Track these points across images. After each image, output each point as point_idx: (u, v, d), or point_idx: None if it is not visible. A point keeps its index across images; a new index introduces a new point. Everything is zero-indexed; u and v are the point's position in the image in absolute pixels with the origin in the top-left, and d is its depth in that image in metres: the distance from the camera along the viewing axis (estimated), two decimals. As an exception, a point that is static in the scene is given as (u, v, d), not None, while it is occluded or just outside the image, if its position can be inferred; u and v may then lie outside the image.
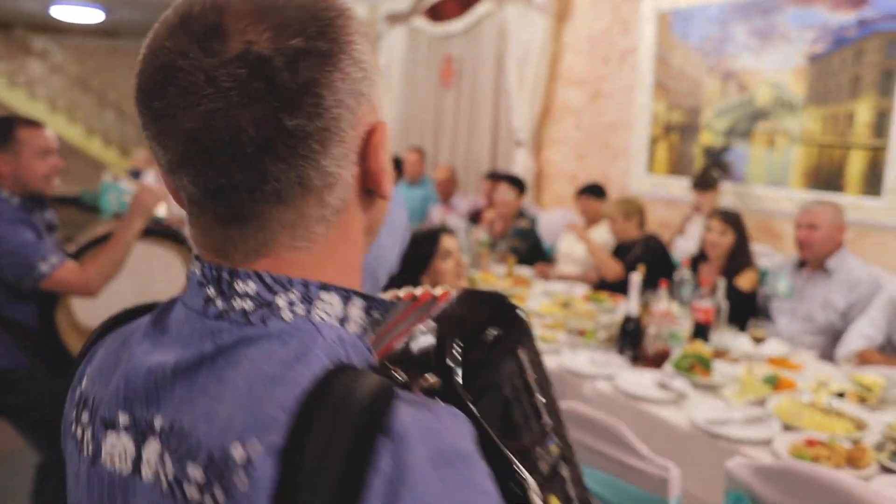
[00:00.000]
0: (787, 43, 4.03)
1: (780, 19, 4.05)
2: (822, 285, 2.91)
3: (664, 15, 4.70)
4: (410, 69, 7.21)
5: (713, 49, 4.43)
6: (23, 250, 2.10)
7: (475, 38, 6.29)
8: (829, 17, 3.81)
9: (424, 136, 7.00)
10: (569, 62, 5.48)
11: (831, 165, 3.86)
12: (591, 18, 5.28)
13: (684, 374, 2.41)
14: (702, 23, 4.47)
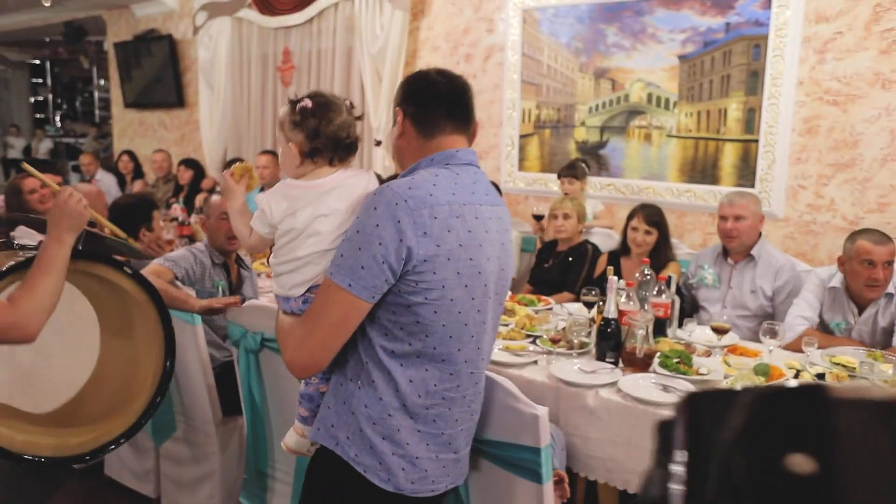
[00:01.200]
0: (657, 43, 4.25)
1: (650, 20, 4.26)
2: (749, 273, 3.08)
3: (530, 13, 4.75)
4: (239, 65, 6.63)
5: (584, 48, 4.55)
6: None
7: (318, 32, 5.93)
8: (698, 20, 4.07)
9: (264, 138, 6.48)
10: (426, 59, 5.35)
11: (706, 158, 4.15)
12: (448, 16, 5.19)
13: (677, 373, 2.41)
14: (571, 22, 4.58)
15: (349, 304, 1.36)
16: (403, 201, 1.34)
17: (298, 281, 1.48)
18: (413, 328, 1.39)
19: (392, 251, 1.33)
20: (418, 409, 1.44)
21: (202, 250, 2.81)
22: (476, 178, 1.48)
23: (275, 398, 2.31)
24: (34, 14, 9.29)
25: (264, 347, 2.23)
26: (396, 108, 1.50)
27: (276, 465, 2.39)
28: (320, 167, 1.51)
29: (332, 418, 1.48)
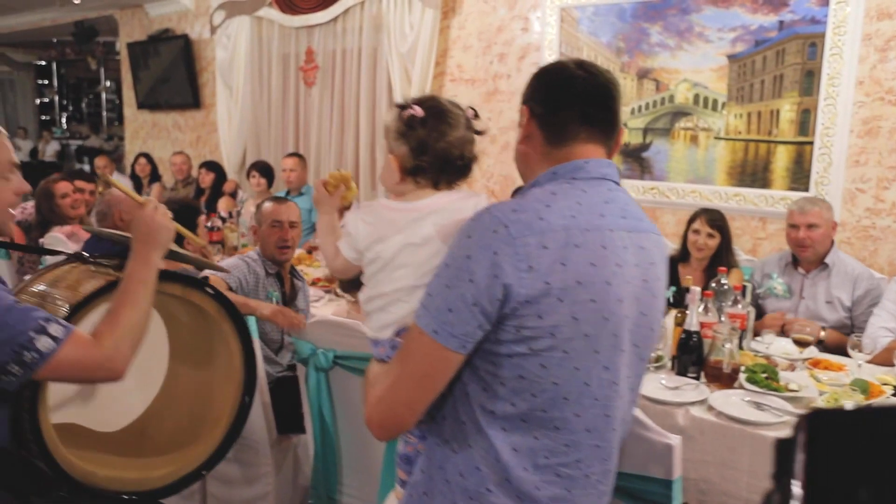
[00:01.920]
0: (705, 42, 4.11)
1: (696, 19, 4.13)
2: (823, 282, 2.95)
3: (568, 11, 4.61)
4: (258, 65, 6.48)
5: (626, 47, 4.42)
6: (7, 319, 1.27)
7: (342, 31, 5.78)
8: (749, 18, 3.94)
9: (285, 140, 6.33)
10: (457, 59, 5.21)
11: (757, 161, 4.01)
12: (481, 14, 5.05)
13: (767, 389, 2.27)
14: (612, 21, 4.45)
15: (435, 355, 1.11)
16: (503, 227, 1.07)
17: (386, 321, 1.26)
18: (516, 384, 1.12)
19: (484, 290, 1.06)
20: (526, 486, 1.15)
21: (255, 259, 2.67)
22: (610, 196, 1.19)
23: (346, 419, 2.17)
24: (43, 14, 9.15)
25: (336, 365, 2.09)
26: (522, 106, 1.26)
27: (346, 491, 2.25)
28: (423, 188, 1.28)
29: (425, 485, 1.23)
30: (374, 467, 2.13)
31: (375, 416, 1.18)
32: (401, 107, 1.31)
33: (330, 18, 5.77)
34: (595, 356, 1.13)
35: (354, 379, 2.08)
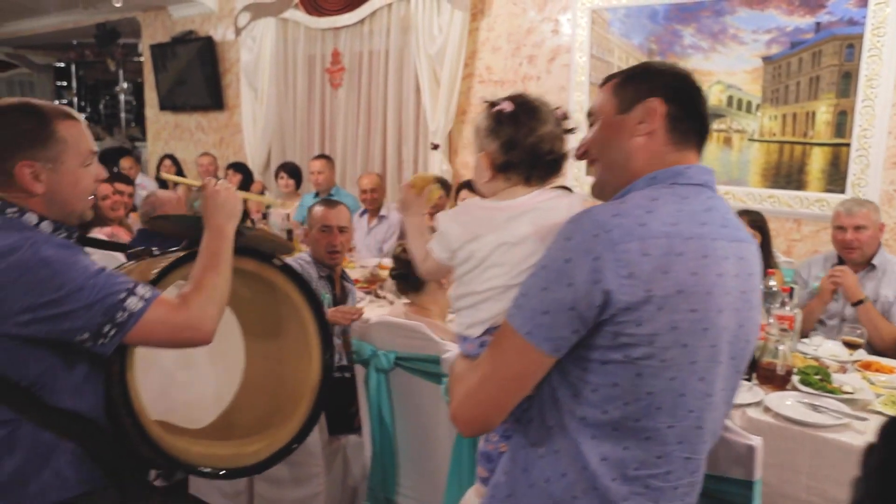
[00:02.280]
0: (739, 44, 4.11)
1: (731, 21, 4.12)
2: (870, 284, 2.95)
3: (599, 13, 4.61)
4: (284, 67, 6.51)
5: (658, 49, 4.42)
6: (97, 281, 1.32)
7: (369, 33, 5.80)
8: (785, 20, 3.94)
9: (310, 142, 6.36)
10: (486, 60, 5.22)
11: (792, 163, 4.01)
12: (510, 16, 5.06)
13: (822, 391, 2.27)
14: (644, 23, 4.45)
15: (527, 356, 1.09)
16: (605, 232, 1.05)
17: (476, 319, 1.25)
18: (609, 392, 1.09)
19: (583, 295, 1.04)
20: (614, 496, 1.13)
21: (308, 261, 2.69)
22: (710, 204, 1.15)
23: (405, 420, 2.18)
24: (66, 17, 9.21)
25: (397, 367, 2.11)
26: (652, 99, 1.17)
27: (403, 492, 2.26)
28: (514, 185, 1.27)
29: (507, 487, 1.22)
30: (433, 468, 2.15)
31: (462, 413, 1.17)
32: (491, 104, 1.30)
33: (357, 20, 5.79)
34: (692, 367, 1.11)
35: (415, 380, 2.09)
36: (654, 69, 1.24)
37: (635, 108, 1.18)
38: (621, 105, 1.20)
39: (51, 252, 1.32)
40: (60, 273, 1.30)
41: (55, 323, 1.30)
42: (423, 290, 2.30)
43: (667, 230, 1.07)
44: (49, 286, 1.29)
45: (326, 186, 5.20)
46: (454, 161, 5.44)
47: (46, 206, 1.41)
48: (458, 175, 5.34)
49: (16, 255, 1.30)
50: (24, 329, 1.30)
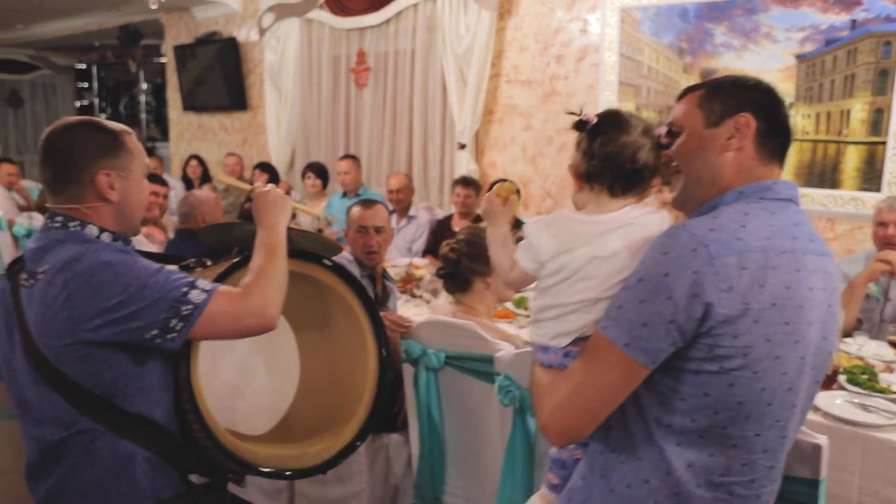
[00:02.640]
0: (772, 43, 4.09)
1: (763, 19, 4.10)
2: (913, 282, 2.93)
3: (629, 12, 4.60)
4: (308, 67, 6.54)
5: (689, 48, 4.41)
6: (158, 279, 1.36)
7: (395, 33, 5.82)
8: (819, 18, 3.91)
9: (335, 142, 6.38)
10: (513, 60, 5.22)
11: (826, 161, 3.98)
12: (538, 15, 5.06)
13: (871, 391, 2.26)
14: (674, 22, 4.43)
15: (623, 367, 1.12)
16: (703, 246, 1.08)
17: (563, 330, 1.26)
18: (699, 401, 1.12)
19: (683, 308, 1.07)
20: (696, 501, 1.16)
21: (350, 260, 2.70)
22: (798, 219, 1.19)
23: (453, 419, 2.19)
24: (89, 18, 9.29)
25: (447, 366, 2.11)
26: (742, 114, 1.20)
27: (450, 491, 2.27)
28: (599, 195, 1.28)
29: (585, 492, 1.25)
30: (483, 468, 2.15)
31: (554, 423, 1.19)
32: (577, 118, 1.34)
33: (382, 20, 5.81)
34: (782, 377, 1.14)
35: (465, 379, 2.10)
36: (741, 83, 1.25)
37: (725, 123, 1.21)
38: (709, 119, 1.22)
39: (111, 256, 1.36)
40: (123, 274, 1.34)
41: (124, 323, 1.33)
42: (469, 289, 2.31)
43: (762, 244, 1.11)
44: (115, 288, 1.32)
45: (353, 186, 5.22)
46: (481, 161, 5.44)
47: (114, 215, 1.45)
48: (485, 174, 5.34)
49: (80, 264, 1.33)
50: (96, 334, 1.33)
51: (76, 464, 1.38)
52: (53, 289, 1.32)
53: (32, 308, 1.35)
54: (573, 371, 1.19)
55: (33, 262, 1.37)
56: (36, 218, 4.38)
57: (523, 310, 3.12)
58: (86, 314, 1.31)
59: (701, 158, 1.23)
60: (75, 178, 1.41)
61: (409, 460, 2.70)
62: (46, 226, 1.43)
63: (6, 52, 12.21)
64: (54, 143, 1.42)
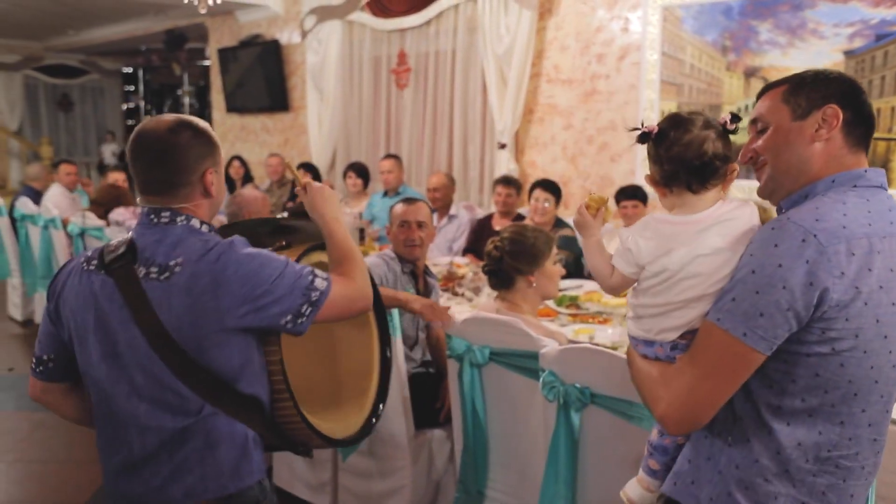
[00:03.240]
0: (819, 39, 4.03)
1: (810, 15, 4.04)
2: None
3: (671, 10, 4.57)
4: (349, 68, 6.62)
5: (733, 46, 4.36)
6: (288, 269, 1.43)
7: (435, 34, 5.86)
8: (869, 13, 3.84)
9: (376, 142, 6.46)
10: (554, 59, 5.22)
11: (875, 159, 3.91)
12: (578, 15, 5.05)
13: None
14: (718, 19, 4.39)
15: (741, 356, 1.19)
16: (812, 236, 1.14)
17: (670, 325, 1.32)
18: (810, 382, 1.20)
19: (800, 296, 1.13)
20: (804, 475, 1.23)
21: (392, 257, 2.75)
22: (890, 204, 1.25)
23: (497, 414, 2.21)
24: (137, 23, 9.53)
25: (491, 361, 2.14)
26: (829, 105, 1.25)
27: (493, 486, 2.29)
28: (681, 195, 1.34)
29: (692, 475, 1.32)
30: (526, 461, 2.17)
31: (674, 413, 1.26)
32: (641, 127, 1.40)
33: (423, 21, 5.86)
34: (889, 356, 1.21)
35: (508, 375, 2.12)
36: (824, 76, 1.29)
37: (812, 115, 1.25)
38: (795, 112, 1.27)
39: (248, 248, 1.44)
40: (266, 264, 1.41)
41: (267, 310, 1.39)
42: (513, 287, 2.33)
43: (865, 230, 1.17)
44: (261, 277, 1.39)
45: (395, 185, 5.27)
46: (521, 160, 5.45)
47: (210, 209, 1.51)
48: (525, 174, 5.36)
49: (227, 254, 1.39)
50: (241, 321, 1.38)
51: (198, 447, 1.42)
52: (201, 279, 1.37)
53: (172, 300, 1.37)
54: (688, 363, 1.25)
55: (163, 257, 1.39)
56: (90, 217, 4.51)
57: (564, 308, 3.13)
58: (234, 302, 1.37)
59: (789, 151, 1.28)
60: (187, 179, 1.44)
61: (451, 456, 2.73)
62: (151, 221, 1.45)
63: (58, 58, 12.60)
64: (161, 145, 1.44)
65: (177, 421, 1.41)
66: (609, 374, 1.81)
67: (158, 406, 1.41)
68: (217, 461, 1.43)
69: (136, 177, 1.47)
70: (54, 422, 4.00)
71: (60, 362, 1.52)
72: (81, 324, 1.44)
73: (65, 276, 1.50)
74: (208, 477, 1.43)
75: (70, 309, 1.46)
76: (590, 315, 3.03)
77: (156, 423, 1.42)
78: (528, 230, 2.37)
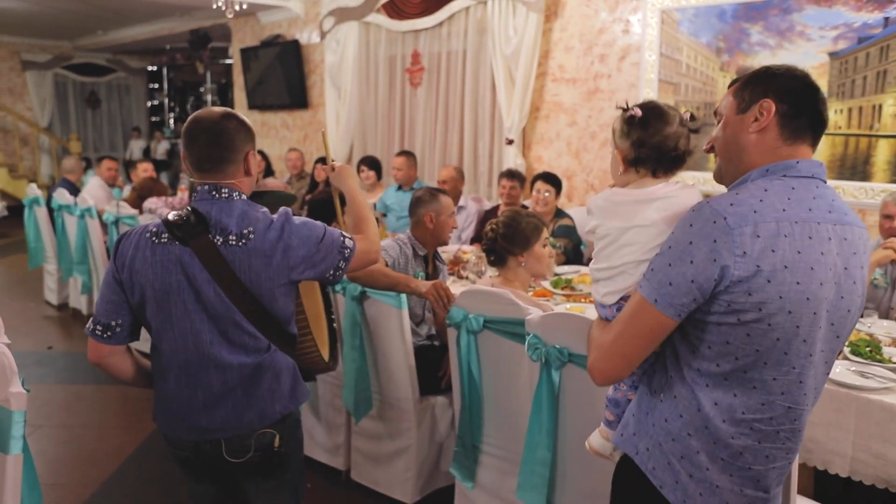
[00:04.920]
0: (806, 41, 4.27)
1: (798, 18, 4.28)
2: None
3: (669, 13, 4.83)
4: (366, 67, 6.93)
5: (726, 47, 4.61)
6: (327, 233, 1.79)
7: (447, 34, 6.15)
8: (852, 16, 4.08)
9: (391, 138, 6.76)
10: (559, 59, 5.50)
11: (857, 155, 4.15)
12: (583, 17, 5.32)
13: (872, 361, 2.48)
14: (712, 22, 4.64)
15: (653, 319, 1.33)
16: (722, 219, 1.26)
17: (612, 289, 1.47)
18: (721, 348, 1.32)
19: (702, 271, 1.26)
20: (722, 435, 1.35)
21: (405, 242, 3.04)
22: (818, 192, 1.33)
23: (490, 376, 2.50)
24: (163, 24, 9.89)
25: (485, 328, 2.43)
26: (765, 100, 1.35)
27: (487, 441, 2.58)
28: (643, 177, 1.47)
29: (634, 426, 1.47)
30: (513, 415, 2.46)
31: (598, 366, 1.42)
32: (624, 109, 1.52)
33: (436, 23, 6.14)
34: (796, 330, 1.30)
35: (501, 341, 2.40)
36: (770, 73, 1.40)
37: (751, 108, 1.37)
38: (740, 105, 1.40)
39: (296, 218, 1.78)
40: (315, 228, 1.77)
41: (318, 266, 1.77)
42: (505, 265, 2.63)
43: (776, 215, 1.28)
44: (313, 239, 1.75)
45: (408, 181, 5.56)
46: (528, 155, 5.73)
47: (250, 185, 1.82)
48: (531, 168, 5.63)
49: (288, 224, 1.73)
50: (300, 275, 1.74)
51: (269, 378, 1.78)
52: (270, 243, 1.69)
53: (251, 261, 1.68)
54: (615, 323, 1.41)
55: (236, 227, 1.69)
56: (123, 206, 4.85)
57: (559, 290, 3.41)
58: (297, 260, 1.71)
59: (732, 141, 1.41)
60: (235, 157, 1.75)
61: (452, 420, 3.02)
62: (213, 196, 1.72)
63: (87, 57, 13.02)
64: (216, 128, 1.73)
65: (251, 357, 1.75)
66: (584, 336, 2.08)
67: (237, 347, 1.74)
68: (281, 388, 1.80)
69: (192, 156, 1.75)
70: (89, 393, 4.36)
71: (126, 326, 1.78)
72: (161, 287, 1.70)
73: (131, 249, 1.75)
74: (276, 400, 1.79)
75: (145, 276, 1.71)
76: (582, 295, 3.31)
77: (237, 362, 1.74)
78: (521, 216, 2.66)
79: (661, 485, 1.40)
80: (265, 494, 1.86)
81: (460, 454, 2.64)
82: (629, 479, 1.47)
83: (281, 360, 1.80)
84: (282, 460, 1.84)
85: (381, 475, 3.11)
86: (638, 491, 1.44)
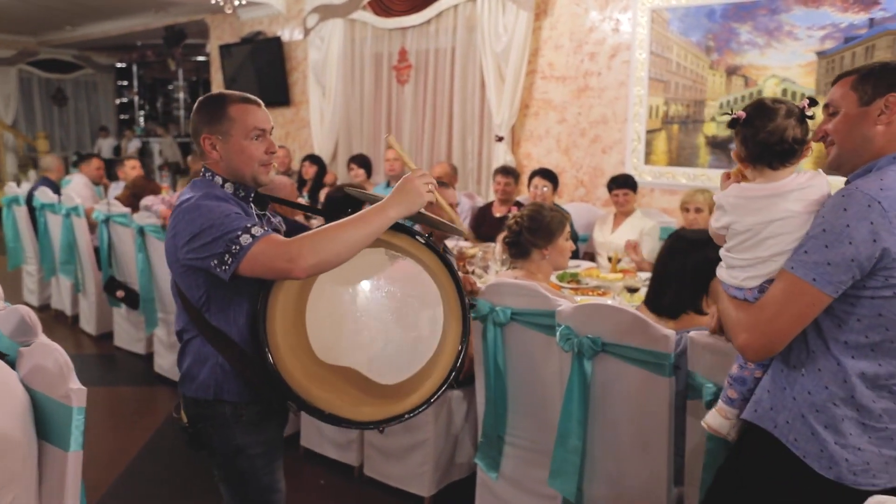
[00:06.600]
0: (794, 41, 4.39)
1: (786, 18, 4.41)
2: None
3: (659, 13, 4.92)
4: (351, 65, 6.91)
5: (715, 46, 4.72)
6: (224, 222, 1.65)
7: (435, 32, 6.17)
8: (839, 17, 4.21)
9: (377, 135, 6.75)
10: (549, 57, 5.56)
11: (845, 151, 4.28)
12: (572, 16, 5.39)
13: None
14: (702, 21, 4.75)
15: (812, 297, 1.43)
16: (877, 203, 1.37)
17: (755, 274, 1.56)
18: (873, 321, 1.44)
19: (863, 251, 1.38)
20: (866, 401, 1.46)
21: (418, 236, 3.06)
22: None
23: (516, 368, 2.54)
24: (136, 20, 9.73)
25: (512, 321, 2.46)
26: (892, 94, 1.46)
27: (511, 432, 2.62)
28: (762, 171, 1.56)
29: (770, 401, 1.57)
30: (541, 408, 2.50)
31: (754, 343, 1.51)
32: (730, 114, 1.62)
33: (423, 20, 6.16)
34: None
35: (527, 332, 2.44)
36: (890, 68, 1.51)
37: (876, 102, 1.49)
38: (862, 98, 1.51)
39: (205, 201, 1.73)
40: (204, 214, 1.68)
41: (199, 252, 1.68)
42: (528, 258, 2.67)
43: None
44: (196, 223, 1.68)
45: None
46: (517, 152, 5.78)
47: (224, 169, 1.83)
48: (521, 165, 5.69)
49: (187, 203, 1.75)
50: (187, 258, 1.73)
51: (187, 352, 1.88)
52: (172, 220, 1.77)
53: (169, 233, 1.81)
54: (768, 302, 1.50)
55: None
56: (114, 204, 4.78)
57: (566, 283, 3.46)
58: (181, 242, 1.72)
59: (855, 132, 1.51)
60: (198, 142, 1.84)
61: (468, 413, 3.05)
62: (200, 175, 1.88)
63: (52, 53, 12.72)
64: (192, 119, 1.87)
65: (179, 324, 1.90)
66: (616, 326, 2.14)
67: (179, 310, 1.89)
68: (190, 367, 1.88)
69: None
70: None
71: None
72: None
73: None
74: (185, 377, 1.89)
75: None
76: (590, 288, 3.37)
77: (178, 325, 1.92)
78: (545, 209, 2.71)
79: (804, 455, 1.49)
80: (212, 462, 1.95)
81: (485, 445, 2.67)
82: (762, 452, 1.57)
83: (197, 344, 1.86)
84: (199, 438, 1.90)
85: (395, 469, 3.12)
86: (773, 462, 1.54)
